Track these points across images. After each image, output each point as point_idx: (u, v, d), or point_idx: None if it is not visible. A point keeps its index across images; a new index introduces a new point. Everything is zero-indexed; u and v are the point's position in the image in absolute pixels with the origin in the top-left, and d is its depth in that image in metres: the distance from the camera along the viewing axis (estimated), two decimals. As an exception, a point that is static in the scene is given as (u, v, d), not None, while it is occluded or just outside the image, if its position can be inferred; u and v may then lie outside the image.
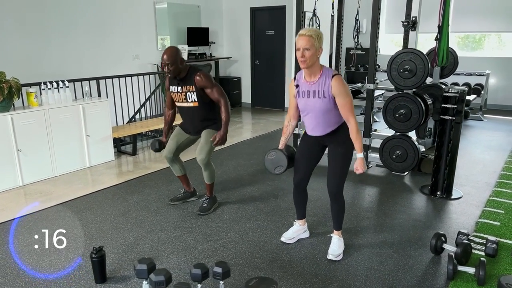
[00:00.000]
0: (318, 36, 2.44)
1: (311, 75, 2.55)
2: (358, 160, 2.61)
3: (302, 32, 2.44)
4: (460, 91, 3.62)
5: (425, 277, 2.59)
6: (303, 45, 2.42)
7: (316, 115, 2.62)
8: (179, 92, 3.35)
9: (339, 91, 2.49)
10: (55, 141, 4.45)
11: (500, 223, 3.26)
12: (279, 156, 2.77)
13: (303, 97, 2.61)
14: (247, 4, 8.25)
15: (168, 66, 3.17)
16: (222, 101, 3.34)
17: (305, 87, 2.59)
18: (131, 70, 6.48)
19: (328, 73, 2.52)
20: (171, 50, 3.19)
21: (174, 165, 3.63)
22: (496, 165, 4.72)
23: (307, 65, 2.47)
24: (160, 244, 3.00)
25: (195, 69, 3.30)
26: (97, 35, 6.27)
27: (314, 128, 2.69)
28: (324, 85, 2.51)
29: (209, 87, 3.29)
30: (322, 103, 2.55)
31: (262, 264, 2.73)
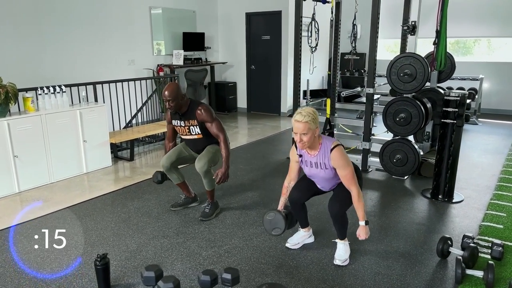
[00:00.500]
0: (313, 119, 2.50)
1: (311, 150, 2.65)
2: (361, 228, 2.66)
3: (298, 118, 2.49)
4: (461, 94, 3.64)
5: (433, 281, 2.58)
6: (300, 131, 2.50)
7: (321, 180, 2.78)
8: (182, 126, 3.41)
9: (338, 164, 2.58)
10: (52, 147, 4.38)
11: (504, 226, 3.27)
12: (277, 218, 2.76)
13: (307, 166, 2.75)
14: (243, 9, 8.25)
15: (169, 102, 3.22)
16: (221, 137, 3.36)
17: (307, 158, 2.70)
18: (127, 75, 6.43)
19: (327, 146, 2.60)
20: (172, 86, 3.25)
21: (172, 174, 3.58)
22: (494, 168, 4.74)
23: (306, 147, 2.60)
24: (163, 251, 2.95)
25: (196, 103, 3.36)
26: (92, 39, 6.22)
27: (320, 185, 2.86)
28: (324, 158, 2.61)
29: (209, 122, 3.34)
30: (325, 173, 2.68)
31: (269, 270, 2.70)
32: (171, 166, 3.50)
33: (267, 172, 4.72)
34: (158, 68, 7.33)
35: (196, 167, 3.37)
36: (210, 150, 3.41)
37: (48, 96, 4.42)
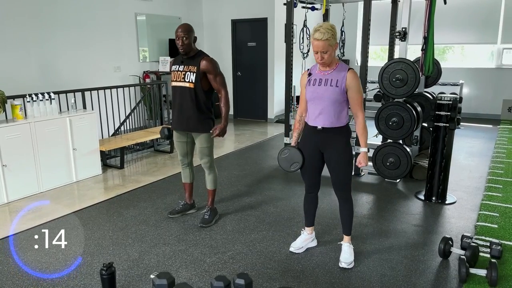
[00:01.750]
0: (333, 34, 2.48)
1: (327, 67, 2.60)
2: (362, 154, 2.66)
3: (318, 37, 2.45)
4: (453, 98, 3.74)
5: (438, 281, 2.62)
6: (321, 49, 2.47)
7: (323, 104, 2.59)
8: (180, 70, 3.25)
9: (353, 84, 2.55)
10: (41, 155, 4.26)
11: (498, 225, 3.36)
12: (293, 153, 2.75)
13: (314, 85, 2.63)
14: (228, 16, 8.27)
15: (183, 39, 3.10)
16: (223, 92, 3.28)
17: (317, 76, 2.63)
18: (113, 82, 6.33)
19: (344, 66, 2.60)
20: (186, 24, 3.19)
21: (187, 170, 3.58)
22: (481, 171, 4.88)
23: (326, 64, 2.56)
24: (166, 259, 2.90)
25: (204, 54, 3.27)
26: (77, 45, 6.11)
27: (318, 117, 2.63)
28: (339, 75, 2.56)
29: (213, 73, 3.21)
30: (332, 92, 2.56)
31: (276, 275, 2.69)
32: (189, 159, 3.53)
33: (261, 178, 4.72)
34: (144, 75, 7.26)
35: (201, 162, 3.40)
36: (203, 142, 3.34)
37: (36, 103, 4.31)
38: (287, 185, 4.44)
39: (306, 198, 2.96)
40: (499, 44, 8.24)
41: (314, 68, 2.69)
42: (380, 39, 8.61)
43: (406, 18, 4.19)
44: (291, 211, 3.73)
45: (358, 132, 2.65)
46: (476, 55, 8.83)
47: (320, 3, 5.47)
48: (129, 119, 6.20)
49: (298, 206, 3.85)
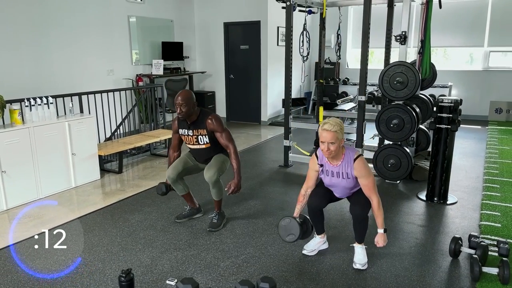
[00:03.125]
0: (341, 129, 2.59)
1: (334, 160, 2.71)
2: (379, 235, 2.74)
3: (327, 128, 2.55)
4: (454, 101, 3.83)
5: (451, 280, 2.68)
6: (329, 140, 2.56)
7: (341, 189, 2.84)
8: (190, 135, 3.37)
9: (361, 174, 2.66)
10: (40, 161, 4.18)
11: (501, 224, 3.45)
12: (292, 224, 2.80)
13: (328, 176, 2.80)
14: (220, 19, 8.27)
15: (181, 107, 3.17)
16: (231, 147, 3.33)
17: (329, 168, 2.76)
18: (106, 85, 6.25)
19: (350, 157, 2.68)
20: (186, 92, 3.23)
21: (177, 185, 3.52)
22: (477, 171, 5.00)
23: (332, 156, 2.65)
24: (179, 264, 2.88)
25: (206, 113, 3.33)
26: (70, 49, 6.02)
27: (337, 193, 2.91)
28: (347, 168, 2.68)
29: (219, 131, 3.31)
30: (347, 182, 2.75)
31: (292, 278, 2.70)
32: (177, 177, 3.44)
33: (263, 181, 4.73)
34: (137, 78, 7.20)
35: (205, 176, 3.33)
36: (218, 160, 3.39)
37: (35, 107, 4.22)
38: (290, 188, 4.45)
39: (311, 214, 2.94)
40: (485, 46, 8.46)
41: (323, 157, 2.77)
42: (374, 42, 8.75)
43: (405, 22, 4.26)
44: (297, 214, 3.74)
45: (374, 213, 2.72)
46: (464, 58, 9.04)
47: (316, 7, 5.52)
48: (123, 123, 6.11)
49: (304, 209, 3.86)
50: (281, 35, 8.28)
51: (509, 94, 8.34)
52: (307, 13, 5.45)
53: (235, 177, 3.30)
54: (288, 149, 5.18)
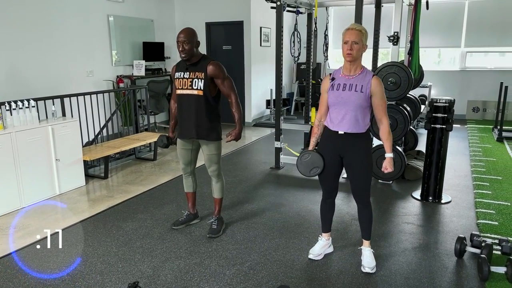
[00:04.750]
0: (365, 32, 2.51)
1: (352, 70, 2.58)
2: (388, 159, 2.66)
3: (352, 26, 2.49)
4: (449, 101, 3.86)
5: (460, 281, 2.68)
6: (352, 38, 2.46)
7: (347, 109, 2.57)
8: (186, 78, 3.09)
9: (377, 90, 2.55)
10: (22, 167, 3.95)
11: (498, 222, 3.50)
12: (314, 157, 2.71)
13: (337, 90, 2.60)
14: (202, 19, 8.13)
15: (184, 44, 2.96)
16: (233, 96, 3.18)
17: (341, 80, 2.60)
18: (86, 88, 6.02)
19: (369, 72, 2.59)
20: (188, 29, 3.04)
21: (189, 179, 3.45)
22: (464, 169, 5.09)
23: (353, 58, 2.51)
24: (183, 273, 2.77)
25: (208, 58, 3.12)
26: (47, 50, 5.74)
27: (341, 122, 2.61)
28: (364, 80, 2.55)
29: (221, 78, 3.09)
30: (357, 97, 2.54)
31: (302, 284, 2.63)
32: (192, 168, 3.40)
33: (256, 184, 4.65)
34: (117, 79, 6.96)
35: (209, 170, 3.29)
36: (212, 150, 3.22)
37: (16, 111, 3.99)
38: (285, 190, 4.39)
39: (324, 205, 2.92)
40: (462, 47, 8.68)
41: (337, 72, 2.66)
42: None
43: (397, 23, 4.28)
44: (297, 217, 3.69)
45: (383, 137, 2.64)
46: (443, 58, 9.26)
47: (304, 7, 5.49)
48: (109, 126, 5.89)
49: (302, 211, 3.82)
50: (264, 36, 8.23)
51: (485, 94, 8.58)
52: (295, 13, 5.41)
53: (236, 127, 3.18)
54: (279, 151, 5.12)
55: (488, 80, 8.51)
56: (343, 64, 2.64)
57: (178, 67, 3.19)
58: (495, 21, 8.31)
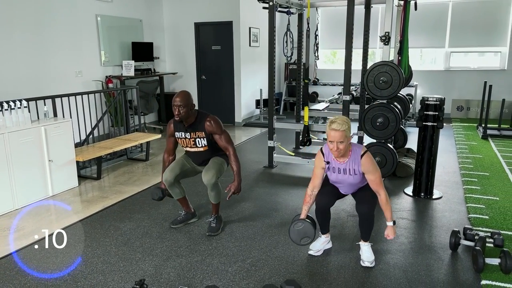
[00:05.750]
0: (349, 127, 2.59)
1: (341, 158, 2.71)
2: (389, 228, 2.78)
3: (336, 127, 2.54)
4: (439, 99, 3.97)
5: (456, 272, 2.77)
6: (337, 139, 2.56)
7: (347, 186, 2.84)
8: (188, 138, 3.27)
9: (368, 170, 2.67)
10: (15, 169, 3.90)
11: (489, 216, 3.61)
12: (306, 227, 2.79)
13: (334, 173, 2.79)
14: (191, 19, 8.12)
15: (180, 108, 3.06)
16: (231, 150, 3.28)
17: (335, 165, 2.75)
18: (75, 88, 5.95)
19: (357, 153, 2.68)
20: (184, 93, 3.13)
21: (174, 189, 3.41)
22: (452, 166, 5.22)
23: (340, 155, 2.65)
24: (185, 271, 2.78)
25: (204, 114, 3.24)
26: (35, 50, 5.67)
27: (342, 189, 2.91)
28: (354, 164, 2.69)
29: (218, 134, 3.24)
30: (353, 179, 2.75)
31: (304, 279, 2.68)
32: (174, 180, 3.33)
33: (251, 183, 4.68)
34: (107, 79, 6.90)
35: (203, 179, 3.25)
36: (216, 162, 3.31)
37: (8, 112, 3.94)
38: (280, 189, 4.43)
39: (319, 215, 2.93)
40: (446, 47, 8.88)
41: (329, 154, 2.75)
42: (335, 43, 9.00)
43: (389, 23, 4.37)
44: (293, 214, 3.68)
45: (382, 207, 2.74)
46: (427, 58, 9.46)
47: (295, 8, 5.55)
48: (96, 126, 5.83)
49: (299, 209, 3.79)
50: (253, 36, 8.27)
51: (468, 93, 8.80)
52: (286, 13, 5.47)
53: (235, 179, 3.24)
54: (273, 150, 5.17)
55: (471, 80, 8.72)
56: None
57: (176, 127, 3.30)
58: (478, 22, 8.53)
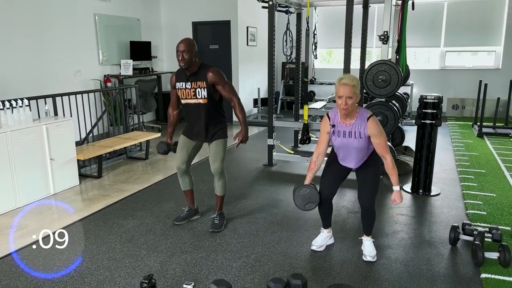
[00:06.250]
0: (358, 84, 2.61)
1: (347, 118, 2.70)
2: (395, 192, 2.83)
3: (346, 82, 2.56)
4: (438, 97, 4.03)
5: (456, 266, 2.83)
6: (346, 94, 2.55)
7: (351, 152, 2.79)
8: (188, 88, 3.18)
9: (374, 132, 2.67)
10: (17, 167, 3.91)
11: (486, 212, 3.68)
12: (312, 192, 2.80)
13: (339, 137, 2.76)
14: (189, 18, 8.15)
15: (184, 54, 3.02)
16: (235, 99, 3.25)
17: (341, 128, 2.73)
18: (73, 87, 5.94)
19: (364, 115, 2.69)
20: (188, 39, 3.10)
21: (185, 177, 3.48)
22: (449, 163, 5.30)
23: (348, 112, 2.63)
24: (191, 267, 2.82)
25: (206, 65, 3.19)
26: (35, 49, 5.68)
27: (348, 160, 2.85)
28: (360, 127, 2.67)
29: (221, 84, 3.17)
30: (358, 143, 2.71)
31: (308, 273, 2.73)
32: (186, 166, 3.42)
33: (251, 180, 4.72)
34: (105, 78, 6.92)
35: (212, 168, 3.33)
36: (219, 147, 3.31)
37: (10, 110, 3.95)
38: (280, 186, 4.48)
39: (322, 207, 2.96)
40: (442, 47, 8.98)
41: (335, 117, 2.76)
42: (331, 43, 9.06)
43: (387, 22, 4.43)
44: (295, 211, 3.76)
45: (388, 171, 2.76)
46: (427, 58, 9.56)
47: (294, 7, 5.60)
48: (91, 126, 5.79)
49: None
50: (250, 35, 8.31)
51: (463, 92, 8.90)
52: (285, 13, 5.51)
53: (242, 128, 3.24)
54: (272, 148, 5.21)
55: (466, 79, 8.83)
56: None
57: (178, 77, 3.26)
58: (472, 22, 8.64)
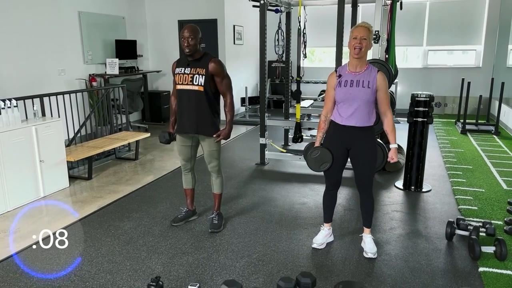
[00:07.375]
0: (372, 32, 2.68)
1: (357, 66, 2.71)
2: (393, 150, 2.83)
3: (361, 24, 2.66)
4: (429, 95, 4.12)
5: (454, 260, 2.90)
6: (361, 34, 2.61)
7: (356, 104, 2.70)
8: (187, 73, 3.12)
9: (382, 85, 2.71)
10: (7, 170, 3.81)
11: (477, 207, 3.79)
12: (323, 153, 2.82)
13: (345, 86, 2.71)
14: (174, 16, 8.07)
15: (189, 39, 3.00)
16: (229, 96, 3.23)
17: (348, 77, 2.72)
18: (58, 87, 5.84)
19: (374, 68, 2.74)
20: (193, 25, 3.11)
21: (189, 175, 3.50)
22: (437, 160, 5.42)
23: (361, 55, 2.65)
24: (193, 268, 2.80)
25: (210, 55, 3.17)
26: (17, 47, 5.52)
27: (350, 117, 2.74)
28: (370, 76, 2.69)
29: (221, 76, 3.14)
30: (365, 93, 2.68)
31: (312, 271, 2.74)
32: (191, 164, 3.46)
33: (245, 180, 4.72)
34: (90, 78, 6.79)
35: (209, 167, 3.37)
36: (213, 145, 3.29)
37: (-2, 111, 3.84)
38: (274, 185, 4.49)
39: (327, 196, 3.05)
40: (424, 46, 9.16)
41: (343, 69, 2.78)
42: (315, 42, 9.13)
43: (378, 22, 4.50)
44: (292, 210, 3.81)
45: (388, 129, 2.81)
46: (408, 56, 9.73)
47: (284, 6, 5.61)
48: (77, 126, 5.67)
49: (296, 204, 3.94)
50: (237, 34, 8.29)
51: (445, 90, 9.10)
52: (275, 12, 5.52)
53: (226, 126, 3.24)
54: (265, 147, 5.22)
55: (448, 77, 9.04)
56: (348, 61, 2.77)
57: (179, 63, 3.23)
58: (454, 21, 8.85)
